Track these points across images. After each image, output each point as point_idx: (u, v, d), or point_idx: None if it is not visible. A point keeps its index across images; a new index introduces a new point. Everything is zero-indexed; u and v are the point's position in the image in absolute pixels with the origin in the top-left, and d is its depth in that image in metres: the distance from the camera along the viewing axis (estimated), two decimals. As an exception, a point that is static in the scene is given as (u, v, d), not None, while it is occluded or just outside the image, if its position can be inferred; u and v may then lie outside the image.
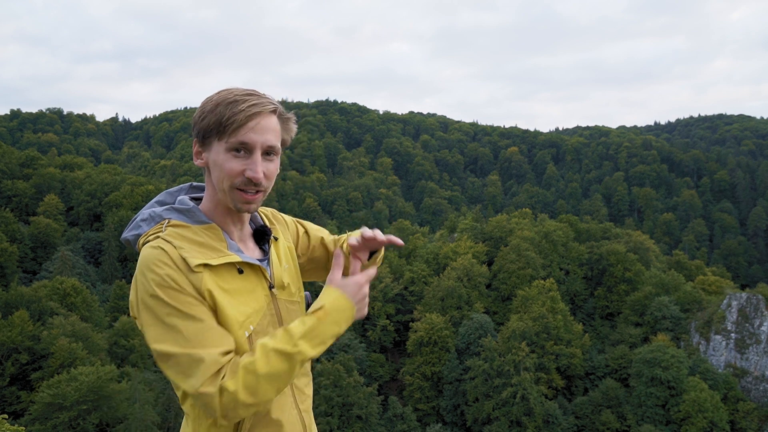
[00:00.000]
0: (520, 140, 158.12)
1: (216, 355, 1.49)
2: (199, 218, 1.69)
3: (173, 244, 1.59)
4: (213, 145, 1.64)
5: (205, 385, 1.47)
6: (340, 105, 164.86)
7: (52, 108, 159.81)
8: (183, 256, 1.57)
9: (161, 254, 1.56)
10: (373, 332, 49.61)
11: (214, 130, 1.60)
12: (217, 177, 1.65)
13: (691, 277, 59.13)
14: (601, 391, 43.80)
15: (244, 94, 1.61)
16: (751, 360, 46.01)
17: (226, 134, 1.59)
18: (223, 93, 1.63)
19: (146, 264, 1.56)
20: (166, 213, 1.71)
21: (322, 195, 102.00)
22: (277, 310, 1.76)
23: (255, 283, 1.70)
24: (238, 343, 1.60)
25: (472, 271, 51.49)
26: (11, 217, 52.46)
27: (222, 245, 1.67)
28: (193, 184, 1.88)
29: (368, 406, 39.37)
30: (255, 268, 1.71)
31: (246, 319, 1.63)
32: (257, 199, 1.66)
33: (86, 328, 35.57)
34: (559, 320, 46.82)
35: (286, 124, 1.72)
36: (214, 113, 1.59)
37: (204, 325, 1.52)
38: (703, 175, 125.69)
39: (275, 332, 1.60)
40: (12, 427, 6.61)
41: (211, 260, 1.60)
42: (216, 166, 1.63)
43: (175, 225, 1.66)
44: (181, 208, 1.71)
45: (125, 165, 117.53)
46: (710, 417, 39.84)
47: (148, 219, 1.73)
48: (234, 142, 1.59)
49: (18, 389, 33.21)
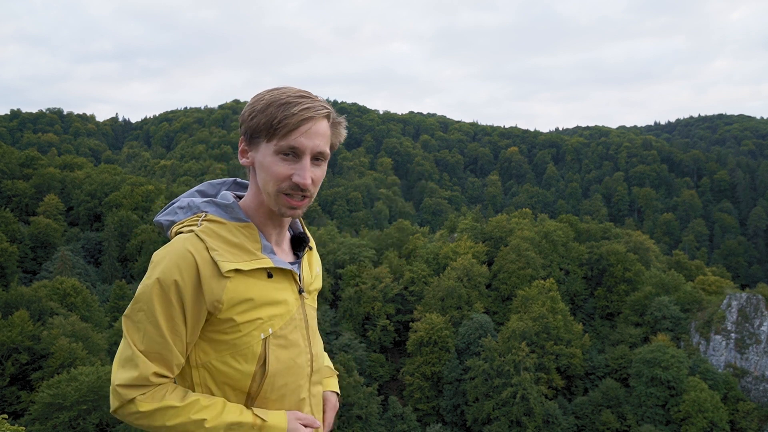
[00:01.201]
0: (520, 140, 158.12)
1: (149, 372, 1.51)
2: (238, 215, 1.66)
3: (206, 243, 1.56)
4: (261, 145, 1.59)
5: (124, 387, 1.51)
6: (340, 105, 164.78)
7: (52, 108, 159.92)
8: (214, 259, 1.54)
9: (185, 258, 1.53)
10: (373, 332, 49.62)
11: (263, 131, 1.57)
12: (263, 179, 1.61)
13: (691, 277, 59.11)
14: (601, 391, 43.81)
15: (297, 96, 1.58)
16: (751, 360, 46.01)
17: (276, 137, 1.55)
18: (276, 92, 1.59)
19: (166, 259, 1.54)
20: (204, 205, 1.68)
21: (322, 195, 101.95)
22: (305, 315, 1.75)
23: (284, 287, 1.69)
24: (248, 344, 1.59)
25: (472, 271, 51.48)
26: (11, 217, 52.47)
27: (256, 246, 1.64)
28: (237, 180, 1.86)
29: (368, 406, 39.39)
30: (286, 273, 1.69)
31: (265, 322, 1.61)
32: (303, 205, 1.62)
33: (86, 328, 35.58)
34: (559, 320, 46.81)
35: (337, 128, 1.70)
36: (265, 113, 1.55)
37: (161, 343, 1.52)
38: (703, 175, 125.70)
39: (217, 404, 1.57)
40: (12, 427, 6.60)
41: (243, 264, 1.58)
42: (263, 168, 1.60)
43: (212, 220, 1.63)
44: (221, 203, 1.68)
45: (125, 165, 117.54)
46: (710, 417, 39.85)
47: (185, 208, 1.71)
48: (284, 146, 1.55)
49: (18, 389, 33.22)
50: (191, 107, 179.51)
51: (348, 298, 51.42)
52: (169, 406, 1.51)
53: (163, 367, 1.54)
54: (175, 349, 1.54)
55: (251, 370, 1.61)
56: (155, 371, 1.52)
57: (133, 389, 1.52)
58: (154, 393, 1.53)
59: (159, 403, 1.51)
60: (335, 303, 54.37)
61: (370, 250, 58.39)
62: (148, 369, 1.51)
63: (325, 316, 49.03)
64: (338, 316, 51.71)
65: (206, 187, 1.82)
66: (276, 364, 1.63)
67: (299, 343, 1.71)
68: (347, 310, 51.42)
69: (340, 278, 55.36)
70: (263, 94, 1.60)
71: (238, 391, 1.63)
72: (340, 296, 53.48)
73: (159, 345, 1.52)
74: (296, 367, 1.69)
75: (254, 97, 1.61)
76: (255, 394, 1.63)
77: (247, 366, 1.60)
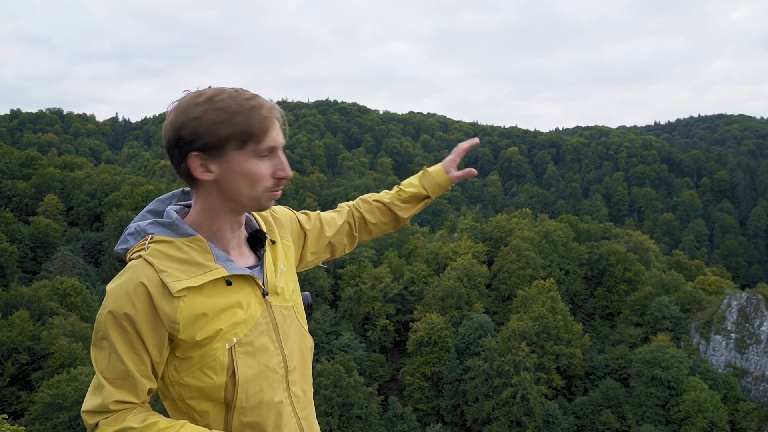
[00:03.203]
0: (520, 140, 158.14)
1: (110, 400, 1.53)
2: (184, 231, 1.63)
3: (155, 266, 1.55)
4: (229, 155, 1.55)
5: (88, 413, 1.55)
6: (340, 105, 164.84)
7: (52, 108, 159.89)
8: (164, 282, 1.53)
9: (135, 286, 1.53)
10: (373, 332, 49.63)
11: (235, 140, 1.53)
12: (241, 185, 1.58)
13: (691, 277, 59.09)
14: (601, 391, 43.83)
15: (248, 97, 1.55)
16: (751, 360, 46.02)
17: (253, 142, 1.54)
18: (224, 100, 1.52)
19: (117, 289, 1.54)
20: (150, 228, 1.66)
21: (322, 195, 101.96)
22: (272, 318, 1.72)
23: (246, 293, 1.67)
24: (215, 357, 1.59)
25: (472, 271, 51.50)
26: (11, 217, 52.45)
27: (208, 258, 1.63)
28: (184, 190, 1.83)
29: (368, 406, 39.39)
30: (246, 277, 1.67)
31: (228, 332, 1.60)
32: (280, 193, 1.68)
33: (86, 328, 35.58)
34: (559, 320, 46.83)
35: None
36: (235, 123, 1.51)
37: (124, 370, 1.54)
38: (703, 175, 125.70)
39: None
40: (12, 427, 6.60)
41: (194, 281, 1.57)
42: (241, 174, 1.57)
43: (159, 241, 1.61)
44: (164, 221, 1.65)
45: (125, 165, 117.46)
46: (710, 417, 39.86)
47: (134, 233, 1.69)
48: (263, 148, 1.57)
49: (18, 389, 33.24)
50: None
51: (348, 298, 51.43)
52: (129, 428, 1.53)
53: (128, 393, 1.56)
54: (138, 376, 1.55)
55: (222, 381, 1.60)
56: (117, 399, 1.54)
57: (96, 415, 1.55)
58: (117, 417, 1.55)
59: (119, 426, 1.53)
60: (335, 303, 54.39)
61: (369, 250, 58.42)
62: (109, 397, 1.53)
63: (325, 316, 49.04)
64: (338, 316, 51.72)
65: (156, 204, 1.79)
66: (246, 372, 1.62)
67: (268, 348, 1.68)
68: (347, 310, 51.43)
69: (340, 278, 55.37)
70: (205, 104, 1.52)
71: (215, 402, 1.62)
72: (340, 296, 53.50)
73: (122, 372, 1.54)
74: (268, 371, 1.67)
75: (188, 109, 1.53)
76: (231, 404, 1.62)
77: (218, 378, 1.60)
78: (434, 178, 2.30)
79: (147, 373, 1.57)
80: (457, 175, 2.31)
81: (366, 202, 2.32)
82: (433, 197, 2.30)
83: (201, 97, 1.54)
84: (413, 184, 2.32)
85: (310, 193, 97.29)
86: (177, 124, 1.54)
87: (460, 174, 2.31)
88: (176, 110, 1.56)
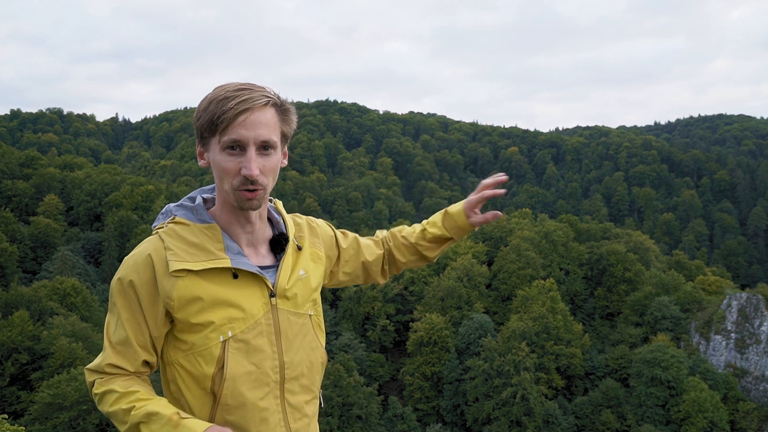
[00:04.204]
0: (520, 140, 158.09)
1: (105, 363, 1.64)
2: (202, 217, 1.69)
3: (165, 243, 1.63)
4: (210, 144, 1.61)
5: (89, 371, 1.68)
6: (340, 105, 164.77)
7: (52, 108, 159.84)
8: (168, 259, 1.60)
9: (143, 257, 1.63)
10: (373, 332, 49.62)
11: (207, 129, 1.58)
12: (217, 177, 1.63)
13: (691, 277, 59.07)
14: (601, 391, 43.81)
15: (236, 89, 1.56)
16: (751, 360, 46.01)
17: (218, 133, 1.56)
18: (216, 90, 1.59)
19: (130, 259, 1.65)
20: (175, 209, 1.74)
21: (322, 195, 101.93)
22: (276, 321, 1.70)
23: (251, 291, 1.66)
24: (207, 346, 1.61)
25: (472, 271, 51.49)
26: (11, 217, 52.44)
27: (218, 247, 1.64)
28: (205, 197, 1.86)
29: (368, 406, 39.38)
30: (255, 275, 1.67)
31: (226, 323, 1.61)
32: (258, 196, 1.60)
33: (86, 328, 35.57)
34: (559, 320, 46.81)
35: (285, 115, 1.66)
36: (207, 112, 1.57)
37: (125, 337, 1.63)
38: (703, 175, 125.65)
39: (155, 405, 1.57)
40: (12, 427, 6.60)
41: (194, 265, 1.59)
42: (215, 166, 1.61)
43: (178, 222, 1.68)
44: (188, 205, 1.73)
45: (125, 165, 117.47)
46: (710, 417, 39.85)
47: (164, 213, 1.77)
48: (227, 141, 1.55)
49: (18, 389, 33.22)
50: (191, 107, 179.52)
51: (348, 298, 51.43)
52: (112, 391, 1.61)
53: (123, 360, 1.63)
54: (136, 345, 1.63)
55: (210, 372, 1.61)
56: (111, 362, 1.63)
57: (93, 374, 1.67)
58: (109, 379, 1.64)
59: (106, 387, 1.62)
60: (335, 303, 54.40)
61: (370, 250, 58.38)
62: (106, 360, 1.64)
63: (325, 316, 48.83)
64: (338, 316, 51.72)
65: (196, 192, 1.84)
66: (235, 368, 1.61)
67: (264, 349, 1.67)
68: (347, 310, 51.43)
69: (340, 278, 55.35)
70: (207, 94, 1.61)
71: (203, 391, 1.64)
72: (340, 296, 53.49)
73: (123, 339, 1.62)
74: (258, 373, 1.65)
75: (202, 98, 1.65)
76: (218, 396, 1.62)
77: (207, 367, 1.61)
78: (456, 221, 2.18)
79: (145, 343, 1.64)
80: (479, 219, 2.14)
81: (395, 238, 2.27)
82: (456, 239, 2.20)
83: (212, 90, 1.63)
84: (437, 225, 2.21)
85: (310, 193, 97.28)
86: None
87: (482, 218, 2.14)
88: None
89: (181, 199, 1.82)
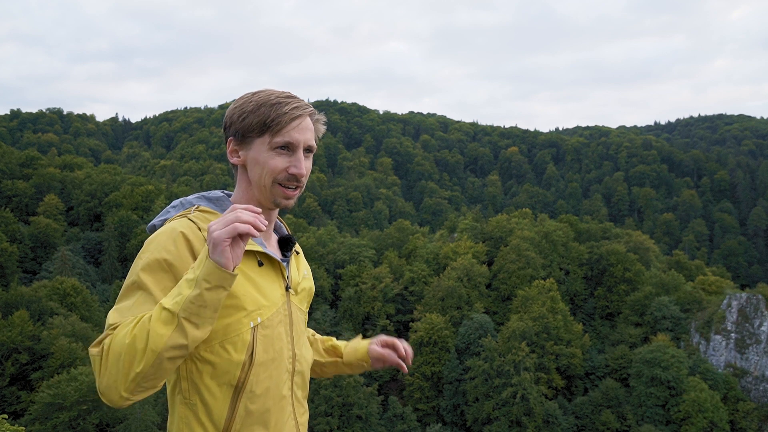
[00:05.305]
0: (520, 140, 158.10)
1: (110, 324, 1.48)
2: (228, 206, 1.76)
3: (198, 224, 1.64)
4: (254, 143, 1.71)
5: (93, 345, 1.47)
6: (339, 105, 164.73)
7: (52, 108, 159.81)
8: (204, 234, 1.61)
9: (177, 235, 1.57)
10: (373, 332, 49.60)
11: (256, 130, 1.69)
12: (258, 173, 1.71)
13: (691, 277, 59.09)
14: (601, 391, 43.81)
15: (286, 96, 1.72)
16: (751, 360, 46.01)
17: (270, 133, 1.68)
18: (263, 95, 1.72)
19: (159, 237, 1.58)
20: (196, 200, 1.78)
21: (322, 195, 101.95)
22: (290, 312, 1.79)
23: (272, 279, 1.74)
24: (239, 332, 1.61)
25: (472, 271, 51.48)
26: (11, 217, 52.47)
27: None
28: (224, 192, 1.92)
29: (368, 406, 39.38)
30: (275, 265, 1.75)
31: (256, 309, 1.65)
32: (295, 195, 1.74)
33: (86, 328, 35.59)
34: (559, 320, 46.82)
35: (317, 125, 1.81)
36: (257, 114, 1.68)
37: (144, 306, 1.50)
38: (703, 175, 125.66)
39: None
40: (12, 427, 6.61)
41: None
42: (258, 163, 1.70)
43: (204, 210, 1.72)
44: (211, 196, 1.80)
45: (125, 165, 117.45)
46: (710, 417, 39.85)
47: (178, 206, 1.79)
48: (279, 141, 1.68)
49: (18, 389, 33.23)
50: (191, 107, 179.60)
51: (348, 298, 51.42)
52: (122, 327, 1.44)
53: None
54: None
55: (241, 359, 1.61)
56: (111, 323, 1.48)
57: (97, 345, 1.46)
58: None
59: (114, 334, 1.45)
60: (335, 303, 54.37)
61: (370, 250, 58.41)
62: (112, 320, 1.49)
63: (325, 316, 49.04)
64: (338, 316, 51.70)
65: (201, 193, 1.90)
66: (263, 355, 1.65)
67: (282, 338, 1.74)
68: (347, 310, 51.43)
69: (340, 278, 55.35)
70: (250, 97, 1.73)
71: (225, 386, 1.61)
72: (340, 296, 53.48)
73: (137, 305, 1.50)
74: (280, 360, 1.72)
75: (240, 100, 1.75)
76: (242, 387, 1.62)
77: (237, 355, 1.60)
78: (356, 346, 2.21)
79: None
80: (380, 351, 2.15)
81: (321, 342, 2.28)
82: (344, 359, 2.20)
83: (251, 93, 1.75)
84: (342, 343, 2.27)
85: (310, 193, 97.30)
86: (227, 113, 1.76)
87: (382, 351, 2.15)
88: (234, 102, 1.78)
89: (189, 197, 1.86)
